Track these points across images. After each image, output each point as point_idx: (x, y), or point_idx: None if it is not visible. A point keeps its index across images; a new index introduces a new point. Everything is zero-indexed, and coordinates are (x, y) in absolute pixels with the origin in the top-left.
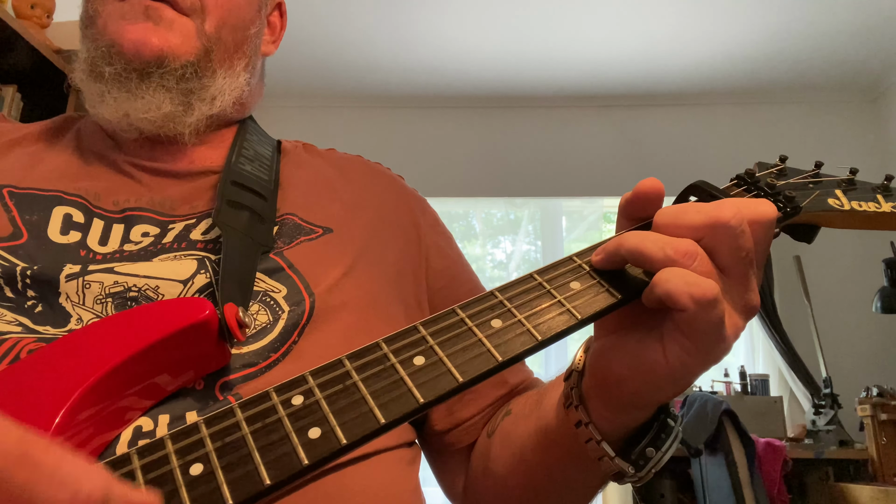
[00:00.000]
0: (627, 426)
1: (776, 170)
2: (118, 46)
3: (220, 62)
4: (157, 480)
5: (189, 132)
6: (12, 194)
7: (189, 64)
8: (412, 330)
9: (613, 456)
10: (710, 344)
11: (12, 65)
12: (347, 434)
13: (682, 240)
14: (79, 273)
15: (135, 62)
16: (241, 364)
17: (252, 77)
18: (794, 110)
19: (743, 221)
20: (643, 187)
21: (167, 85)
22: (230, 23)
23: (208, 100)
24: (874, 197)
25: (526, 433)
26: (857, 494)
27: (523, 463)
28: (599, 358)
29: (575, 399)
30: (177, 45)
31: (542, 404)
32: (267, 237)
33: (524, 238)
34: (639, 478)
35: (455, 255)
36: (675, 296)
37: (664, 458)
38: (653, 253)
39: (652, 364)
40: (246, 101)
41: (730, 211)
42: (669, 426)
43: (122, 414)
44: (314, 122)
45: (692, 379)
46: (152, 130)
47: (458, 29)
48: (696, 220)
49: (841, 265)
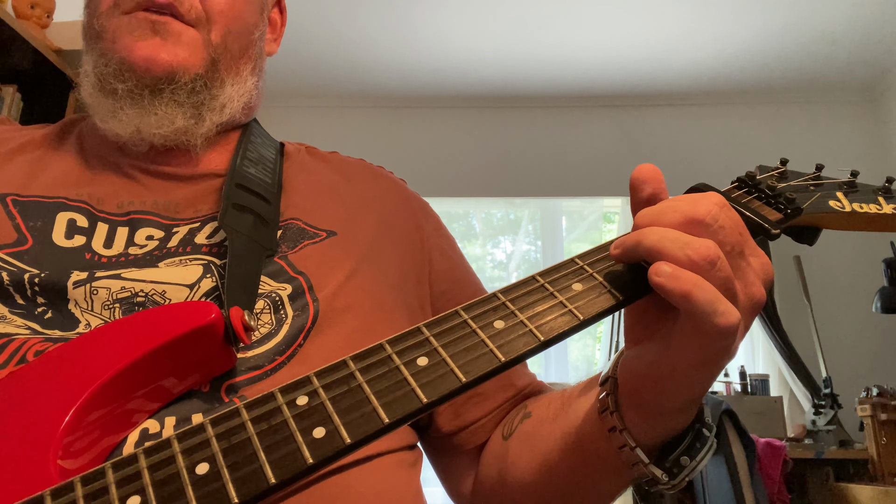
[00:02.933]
0: (661, 434)
1: (777, 172)
2: (129, 63)
3: (227, 71)
4: (163, 480)
5: (201, 143)
6: (16, 202)
7: (198, 77)
8: (416, 331)
9: (647, 463)
10: (714, 343)
11: (12, 65)
12: (352, 433)
13: (703, 242)
14: (86, 280)
15: (146, 79)
16: (246, 367)
17: (259, 80)
18: (794, 110)
19: (719, 217)
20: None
21: (178, 99)
22: (235, 30)
23: (218, 109)
24: (875, 199)
25: (552, 437)
26: (857, 494)
27: (547, 466)
28: (625, 367)
29: (611, 405)
30: (185, 59)
31: (571, 407)
32: (271, 241)
33: (524, 238)
34: (672, 485)
35: (458, 259)
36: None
37: (699, 466)
38: (673, 253)
39: (661, 368)
40: (254, 104)
41: (703, 208)
42: (704, 436)
43: (129, 416)
44: (315, 123)
45: (702, 384)
46: (164, 144)
47: (458, 29)
48: (672, 220)
49: (841, 265)
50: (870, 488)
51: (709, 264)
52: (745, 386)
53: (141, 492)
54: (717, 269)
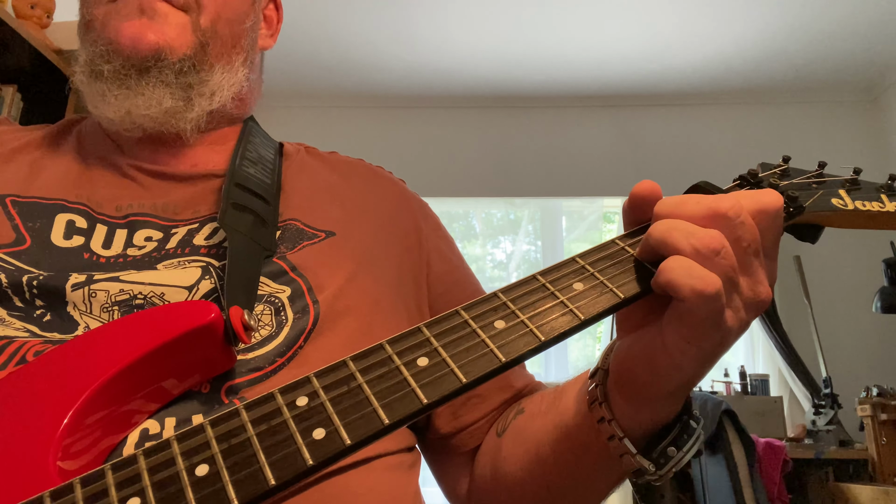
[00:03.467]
0: (649, 425)
1: (779, 170)
2: (115, 44)
3: (217, 56)
4: (163, 481)
5: (191, 128)
6: (15, 203)
7: (186, 58)
8: (416, 331)
9: (635, 453)
10: (706, 333)
11: (12, 65)
12: (352, 434)
13: (709, 232)
14: (84, 282)
15: (133, 58)
16: (247, 368)
17: (251, 73)
18: (794, 110)
19: (742, 213)
20: (638, 191)
21: (166, 80)
22: (225, 16)
23: (207, 94)
24: (878, 196)
25: (543, 430)
26: (857, 494)
27: (538, 459)
28: (618, 355)
29: (600, 396)
30: (173, 39)
31: (561, 401)
32: (270, 241)
33: (524, 238)
34: (658, 476)
35: (457, 260)
36: (677, 286)
37: (685, 457)
38: (677, 242)
39: (653, 352)
40: (245, 97)
41: (728, 202)
42: (692, 427)
43: (129, 417)
44: (315, 123)
45: (693, 367)
46: (155, 128)
47: (458, 29)
48: (694, 211)
49: (841, 265)
50: (870, 488)
51: (712, 252)
52: (745, 386)
53: (140, 493)
54: (720, 257)
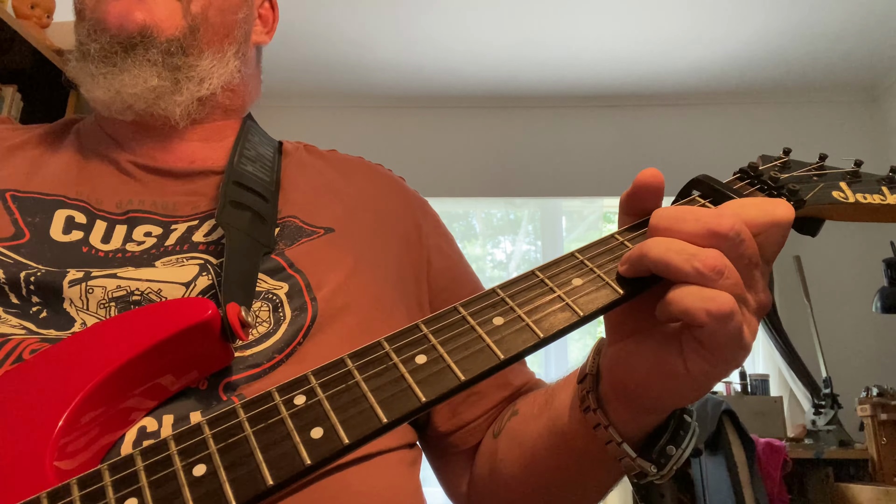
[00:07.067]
0: (647, 427)
1: (780, 163)
2: (103, 22)
3: (207, 43)
4: (160, 481)
5: (180, 112)
6: (15, 198)
7: (174, 39)
8: (414, 329)
9: (635, 457)
10: (731, 352)
11: (12, 65)
12: (350, 433)
13: (709, 252)
14: (82, 279)
15: (119, 35)
16: (245, 365)
17: (245, 66)
18: (793, 110)
19: (742, 231)
20: (643, 179)
21: (152, 59)
22: (216, 4)
23: (196, 80)
24: (879, 189)
25: (537, 433)
26: (857, 494)
27: (534, 462)
28: (618, 363)
29: (593, 402)
30: (161, 20)
31: (553, 404)
32: (268, 238)
33: (524, 238)
34: (661, 476)
35: (456, 257)
36: (693, 314)
37: (684, 454)
38: (679, 266)
39: (674, 374)
40: (238, 90)
41: (727, 222)
42: (687, 422)
43: (126, 414)
44: (315, 123)
45: (714, 384)
46: (145, 109)
47: (458, 29)
48: (693, 230)
49: (841, 265)
50: (870, 488)
51: (716, 274)
52: (745, 386)
53: (138, 493)
54: (724, 277)
